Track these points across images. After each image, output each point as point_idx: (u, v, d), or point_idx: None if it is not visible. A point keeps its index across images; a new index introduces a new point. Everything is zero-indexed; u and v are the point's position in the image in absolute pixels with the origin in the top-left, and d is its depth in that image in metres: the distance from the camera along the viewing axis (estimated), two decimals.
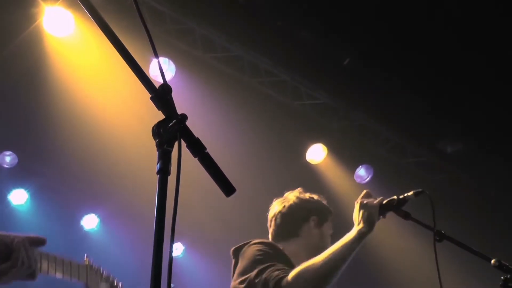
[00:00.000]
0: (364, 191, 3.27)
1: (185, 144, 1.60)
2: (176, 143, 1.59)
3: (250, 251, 3.21)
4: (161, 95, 1.64)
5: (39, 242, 2.24)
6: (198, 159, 1.59)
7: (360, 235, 3.05)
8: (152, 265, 1.50)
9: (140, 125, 6.51)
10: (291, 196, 3.65)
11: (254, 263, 3.13)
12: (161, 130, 1.58)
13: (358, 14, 6.50)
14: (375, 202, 3.14)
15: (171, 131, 1.57)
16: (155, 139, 1.58)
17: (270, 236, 3.60)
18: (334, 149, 8.09)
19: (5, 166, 7.28)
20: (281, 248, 3.33)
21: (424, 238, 3.17)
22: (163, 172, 1.55)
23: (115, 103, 6.71)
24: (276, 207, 3.64)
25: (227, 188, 1.58)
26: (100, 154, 7.11)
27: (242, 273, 3.15)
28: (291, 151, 8.04)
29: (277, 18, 6.63)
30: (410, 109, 7.66)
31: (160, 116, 1.65)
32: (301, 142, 7.97)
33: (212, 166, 1.58)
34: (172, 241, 1.50)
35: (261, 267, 3.05)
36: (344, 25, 6.58)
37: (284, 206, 3.60)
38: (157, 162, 1.56)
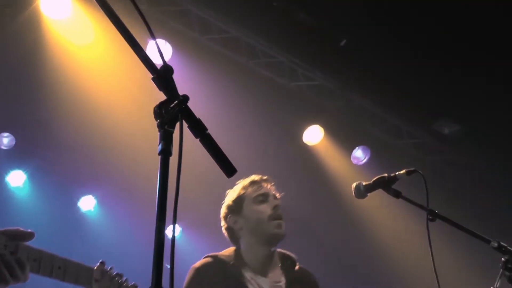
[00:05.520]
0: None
1: (187, 125, 1.60)
2: (177, 124, 1.58)
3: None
4: (162, 76, 1.64)
5: (22, 236, 1.75)
6: (199, 140, 1.59)
7: None
8: (154, 246, 1.50)
9: (138, 106, 6.50)
10: None
11: None
12: (163, 111, 1.57)
13: None
14: None
15: (172, 112, 1.57)
16: (156, 120, 1.58)
17: None
18: (331, 131, 8.09)
19: (3, 147, 7.27)
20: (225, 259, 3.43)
21: (420, 221, 3.11)
22: (165, 153, 1.55)
23: (113, 84, 6.69)
24: None
25: (229, 168, 1.59)
26: (98, 136, 7.09)
27: None
28: (288, 133, 8.03)
29: None
30: (407, 90, 7.65)
31: (158, 97, 1.65)
32: (298, 123, 7.96)
33: (214, 147, 1.59)
34: (174, 221, 1.50)
35: None
36: (340, 5, 6.55)
37: None
38: (158, 143, 1.56)
